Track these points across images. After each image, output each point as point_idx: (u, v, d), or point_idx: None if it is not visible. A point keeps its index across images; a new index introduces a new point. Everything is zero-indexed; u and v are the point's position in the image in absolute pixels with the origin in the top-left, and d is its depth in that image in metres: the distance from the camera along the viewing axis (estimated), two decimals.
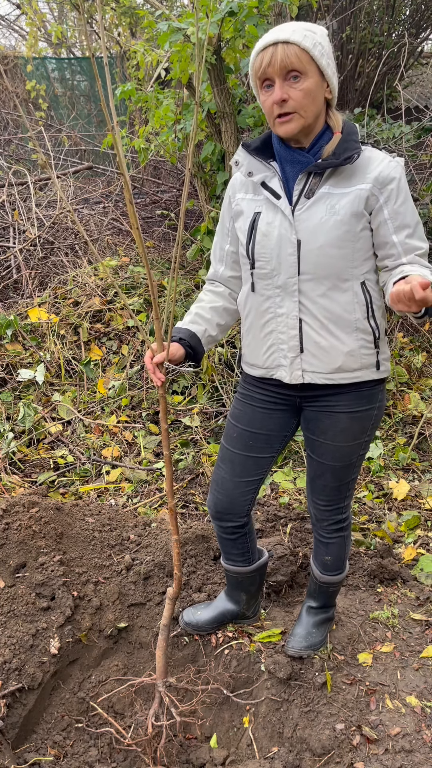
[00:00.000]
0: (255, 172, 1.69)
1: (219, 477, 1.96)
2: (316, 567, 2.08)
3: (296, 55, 1.51)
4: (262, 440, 1.88)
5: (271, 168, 1.67)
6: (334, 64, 1.60)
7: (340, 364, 1.70)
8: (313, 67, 1.54)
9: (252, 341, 1.81)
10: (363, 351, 1.71)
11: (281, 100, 1.54)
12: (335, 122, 1.64)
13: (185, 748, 2.05)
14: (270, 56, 1.52)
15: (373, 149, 1.65)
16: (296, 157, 1.64)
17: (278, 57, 1.51)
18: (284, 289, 1.68)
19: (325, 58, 1.55)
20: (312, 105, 1.56)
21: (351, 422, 1.78)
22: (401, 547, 2.72)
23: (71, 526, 2.45)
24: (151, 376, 1.71)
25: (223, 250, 1.86)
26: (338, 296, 1.66)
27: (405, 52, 5.93)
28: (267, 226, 1.67)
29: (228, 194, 1.80)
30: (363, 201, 1.60)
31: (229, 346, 3.83)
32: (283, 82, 1.53)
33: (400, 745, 1.85)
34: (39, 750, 1.94)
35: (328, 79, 1.58)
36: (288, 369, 1.75)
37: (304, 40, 1.51)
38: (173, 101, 3.94)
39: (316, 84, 1.55)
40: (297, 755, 1.92)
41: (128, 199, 1.52)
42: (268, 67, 1.53)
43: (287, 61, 1.51)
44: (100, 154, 7.48)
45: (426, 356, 4.06)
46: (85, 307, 4.09)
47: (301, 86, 1.53)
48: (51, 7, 9.34)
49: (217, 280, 1.91)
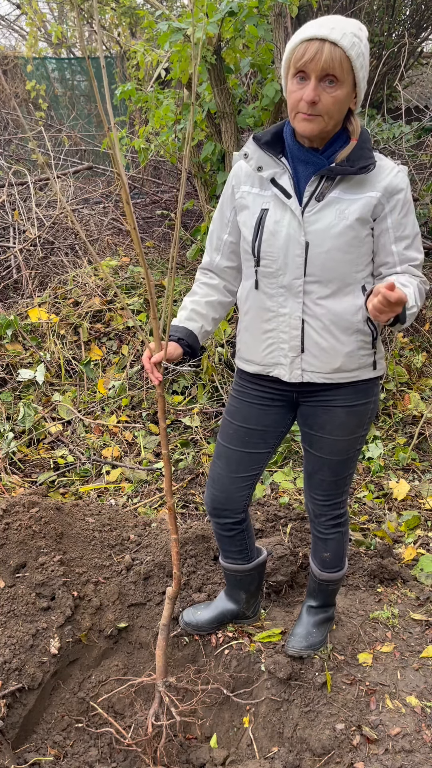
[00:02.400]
0: (265, 167, 1.67)
1: (215, 473, 1.96)
2: (315, 565, 2.08)
3: (340, 62, 1.47)
4: (258, 436, 1.89)
5: (281, 164, 1.65)
6: (367, 75, 1.58)
7: (340, 364, 1.72)
8: (351, 77, 1.52)
9: (250, 338, 1.81)
10: (361, 352, 1.73)
11: (312, 102, 1.51)
12: (355, 128, 1.63)
13: (185, 748, 2.05)
14: (315, 52, 1.47)
15: (381, 156, 1.65)
16: (310, 158, 1.62)
17: (323, 57, 1.47)
18: (289, 290, 1.68)
19: (363, 70, 1.53)
20: (338, 112, 1.55)
21: (348, 417, 1.79)
22: (401, 547, 2.72)
23: (71, 526, 2.44)
24: (149, 376, 1.70)
25: (220, 240, 1.83)
26: (342, 299, 1.67)
27: (405, 52, 5.92)
28: (275, 224, 1.65)
29: (231, 183, 1.76)
30: (371, 208, 1.61)
31: (229, 346, 3.83)
32: (318, 83, 1.50)
33: (400, 745, 1.85)
34: (39, 750, 1.94)
35: (359, 91, 1.57)
36: (287, 368, 1.75)
37: (352, 48, 1.48)
38: (173, 101, 3.94)
39: (348, 93, 1.54)
40: (297, 755, 1.92)
41: (125, 199, 1.52)
42: (310, 63, 1.48)
43: (330, 64, 1.47)
44: (100, 154, 7.48)
45: (426, 356, 4.06)
46: (85, 307, 4.09)
47: (334, 93, 1.51)
48: (51, 7, 9.34)
49: (212, 270, 1.88)
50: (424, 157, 4.59)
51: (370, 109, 4.87)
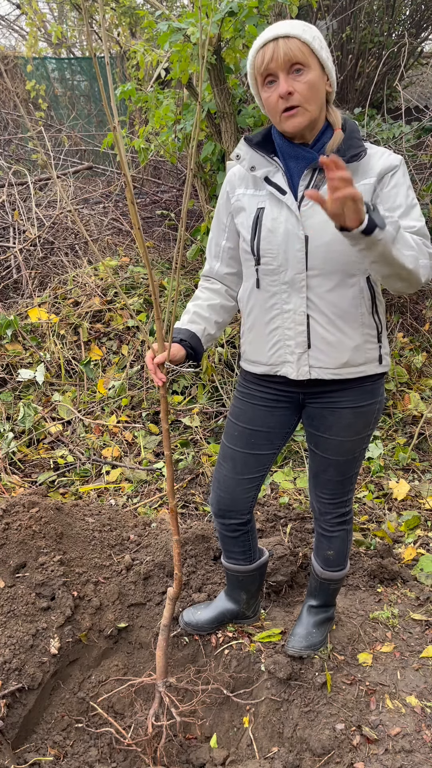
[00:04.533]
0: (258, 167, 1.68)
1: (221, 475, 1.96)
2: (317, 563, 2.08)
3: (299, 48, 1.51)
4: (263, 437, 1.88)
5: (273, 163, 1.66)
6: (330, 57, 1.61)
7: (347, 359, 1.71)
8: (315, 60, 1.54)
9: (255, 338, 1.80)
10: (368, 346, 1.72)
11: (287, 93, 1.53)
12: (335, 118, 1.65)
13: (185, 748, 2.05)
14: (272, 51, 1.52)
15: (372, 146, 1.66)
16: (300, 152, 1.63)
17: (281, 51, 1.51)
18: (291, 285, 1.68)
19: (324, 50, 1.56)
20: (315, 98, 1.56)
21: (355, 417, 1.79)
22: (401, 547, 2.72)
23: (71, 526, 2.44)
24: (153, 377, 1.71)
25: (219, 246, 1.85)
26: (345, 291, 1.66)
27: (405, 52, 5.93)
28: (273, 221, 1.66)
29: (225, 189, 1.79)
30: (369, 195, 1.61)
31: (229, 346, 3.83)
32: (287, 75, 1.53)
33: (400, 745, 1.85)
34: (39, 750, 1.94)
35: (328, 72, 1.59)
36: (295, 365, 1.74)
37: (303, 33, 1.52)
38: (173, 101, 3.94)
39: (318, 76, 1.56)
40: (297, 755, 1.92)
41: (130, 199, 1.52)
42: (270, 62, 1.53)
43: (290, 54, 1.51)
44: (100, 154, 7.48)
45: (426, 356, 4.06)
46: (85, 307, 4.09)
47: (305, 79, 1.53)
48: (51, 7, 9.34)
49: (213, 276, 1.90)
50: (424, 157, 4.59)
51: (370, 109, 4.87)
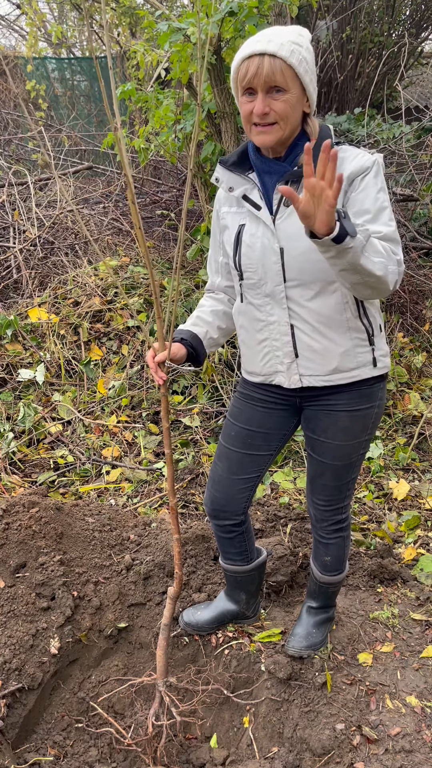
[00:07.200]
0: (235, 187, 1.71)
1: (216, 474, 1.96)
2: (316, 567, 2.08)
3: (281, 72, 1.50)
4: (261, 438, 1.89)
5: (250, 180, 1.69)
6: (315, 78, 1.60)
7: (336, 365, 1.71)
8: (296, 84, 1.54)
9: (248, 351, 1.84)
10: (358, 350, 1.71)
11: (263, 114, 1.54)
12: (313, 129, 1.64)
13: (185, 748, 2.05)
14: (256, 68, 1.51)
15: (349, 147, 1.63)
16: (272, 167, 1.65)
17: (263, 71, 1.50)
18: (273, 297, 1.70)
19: (308, 74, 1.55)
20: (291, 118, 1.57)
21: (351, 421, 1.78)
22: (401, 547, 2.72)
23: (71, 526, 2.44)
24: (153, 375, 1.72)
25: (217, 262, 1.92)
26: (327, 299, 1.66)
27: (405, 52, 5.93)
28: (251, 237, 1.69)
29: (215, 208, 1.84)
30: (339, 199, 1.58)
31: (229, 346, 3.83)
32: (265, 95, 1.53)
33: (400, 745, 1.85)
34: (39, 750, 1.94)
35: (309, 94, 1.58)
36: (286, 374, 1.76)
37: (291, 56, 1.50)
38: (173, 101, 3.94)
39: (297, 99, 1.55)
40: (297, 755, 1.92)
41: (131, 199, 1.52)
42: (253, 78, 1.52)
43: (272, 77, 1.50)
44: (100, 154, 7.48)
45: (426, 356, 4.06)
46: (85, 307, 4.09)
47: (284, 98, 1.53)
48: (51, 7, 9.34)
49: (216, 290, 1.97)
50: (424, 157, 4.59)
51: (370, 109, 4.87)
